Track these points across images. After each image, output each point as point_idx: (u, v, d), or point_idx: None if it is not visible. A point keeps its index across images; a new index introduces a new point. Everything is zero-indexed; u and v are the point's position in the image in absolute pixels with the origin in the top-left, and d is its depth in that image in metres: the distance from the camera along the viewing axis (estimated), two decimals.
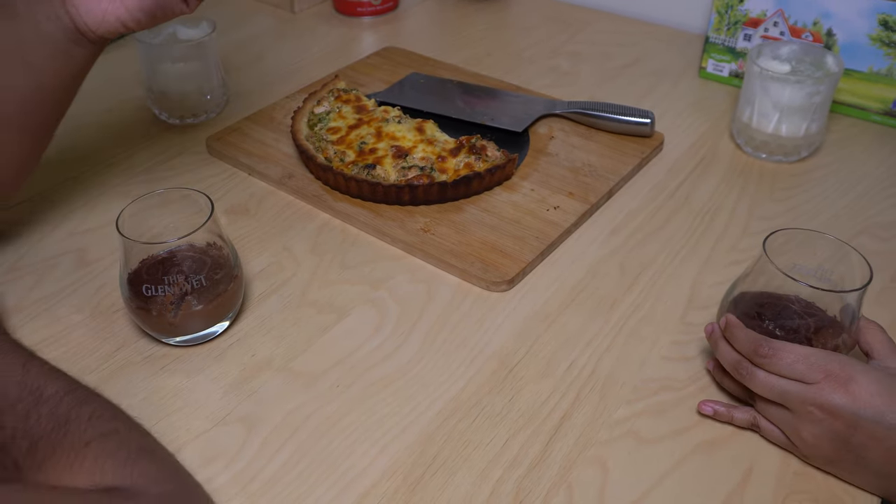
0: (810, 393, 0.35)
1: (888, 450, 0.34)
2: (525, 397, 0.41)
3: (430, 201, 0.53)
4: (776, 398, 0.37)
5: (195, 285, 0.41)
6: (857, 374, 0.35)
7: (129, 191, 0.56)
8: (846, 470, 0.36)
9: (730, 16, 0.66)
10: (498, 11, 0.84)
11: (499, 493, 0.36)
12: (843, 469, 0.36)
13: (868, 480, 0.36)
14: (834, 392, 0.35)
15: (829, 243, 0.40)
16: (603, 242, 0.52)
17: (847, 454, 0.35)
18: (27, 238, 0.52)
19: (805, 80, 0.55)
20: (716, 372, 0.41)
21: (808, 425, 0.36)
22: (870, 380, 0.34)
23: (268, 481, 0.37)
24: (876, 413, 0.34)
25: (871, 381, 0.34)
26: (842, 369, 0.35)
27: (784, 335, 0.38)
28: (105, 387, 0.42)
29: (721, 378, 0.41)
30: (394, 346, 0.44)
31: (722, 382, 0.41)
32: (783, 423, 0.37)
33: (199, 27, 0.64)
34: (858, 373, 0.35)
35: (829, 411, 0.35)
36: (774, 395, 0.37)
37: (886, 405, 0.34)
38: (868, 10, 0.59)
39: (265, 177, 0.57)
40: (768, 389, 0.37)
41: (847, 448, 0.35)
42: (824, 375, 0.35)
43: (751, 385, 0.38)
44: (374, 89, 0.67)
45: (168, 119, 0.64)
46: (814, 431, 0.36)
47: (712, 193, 0.56)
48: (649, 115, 0.59)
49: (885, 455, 0.34)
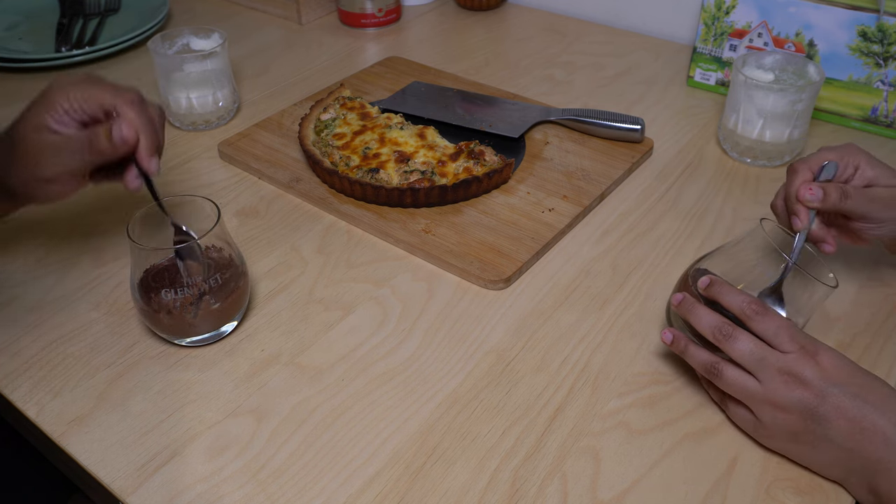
0: (786, 361, 0.36)
1: (850, 420, 0.35)
2: (521, 391, 0.42)
3: (431, 204, 0.54)
4: (752, 364, 0.36)
5: (212, 285, 0.42)
6: (825, 351, 0.36)
7: (144, 194, 0.57)
8: (808, 444, 0.36)
9: (716, 27, 0.67)
10: (496, 23, 0.85)
11: (496, 481, 0.37)
12: (805, 443, 0.36)
13: (829, 457, 0.36)
14: (806, 363, 0.36)
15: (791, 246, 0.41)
16: (595, 243, 0.53)
17: (812, 425, 0.36)
18: (47, 240, 0.54)
19: (788, 88, 0.55)
20: (676, 344, 0.39)
21: (777, 397, 0.36)
22: (834, 355, 0.36)
23: (276, 470, 0.38)
24: (840, 385, 0.35)
25: (835, 356, 0.36)
26: (813, 344, 0.37)
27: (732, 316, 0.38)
28: (122, 380, 0.43)
29: (684, 348, 0.39)
30: (396, 342, 0.45)
31: (685, 353, 0.39)
32: (751, 397, 0.37)
33: (211, 38, 0.65)
34: (825, 350, 0.37)
35: (800, 380, 0.36)
36: (753, 359, 0.36)
37: (849, 378, 0.36)
38: (848, 22, 0.61)
39: (274, 180, 0.59)
40: (748, 353, 0.36)
41: (813, 419, 0.36)
42: (799, 347, 0.36)
43: (730, 347, 0.37)
44: (378, 97, 0.68)
45: (181, 126, 0.66)
46: (783, 402, 0.36)
47: (699, 196, 0.57)
48: (640, 121, 0.60)
49: (847, 426, 0.35)
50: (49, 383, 0.43)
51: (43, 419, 0.41)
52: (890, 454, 0.34)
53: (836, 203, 0.41)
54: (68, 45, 0.78)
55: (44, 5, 0.86)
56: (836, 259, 0.51)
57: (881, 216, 0.41)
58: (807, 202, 0.41)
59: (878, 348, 0.45)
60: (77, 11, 0.84)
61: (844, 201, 0.41)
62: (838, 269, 0.50)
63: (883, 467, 0.34)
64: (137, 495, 0.37)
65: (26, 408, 0.42)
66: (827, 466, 0.37)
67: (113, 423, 0.41)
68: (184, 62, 0.62)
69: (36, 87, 0.44)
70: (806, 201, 0.41)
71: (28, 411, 0.42)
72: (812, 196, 0.41)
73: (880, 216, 0.41)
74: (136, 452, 0.39)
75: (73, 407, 0.42)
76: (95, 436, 0.40)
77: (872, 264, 0.50)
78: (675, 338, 0.40)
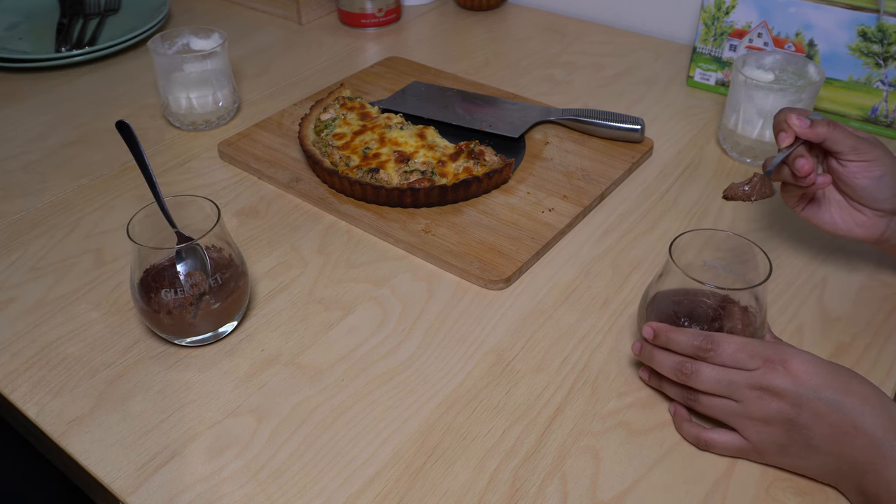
0: (754, 378, 0.36)
1: (831, 426, 0.34)
2: (521, 391, 0.42)
3: (431, 204, 0.54)
4: (722, 390, 0.36)
5: (212, 284, 0.42)
6: (793, 357, 0.36)
7: (144, 194, 0.57)
8: (797, 455, 0.36)
9: (716, 27, 0.67)
10: (496, 23, 0.85)
11: (496, 481, 0.37)
12: (794, 455, 0.36)
13: (819, 463, 0.36)
14: (776, 374, 0.35)
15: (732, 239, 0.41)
16: (595, 243, 0.53)
17: (796, 435, 0.35)
18: (47, 239, 0.54)
19: (787, 88, 0.56)
20: (652, 381, 0.41)
21: (756, 411, 0.36)
22: (804, 359, 0.36)
23: (276, 470, 0.38)
24: (815, 389, 0.34)
25: (805, 360, 0.35)
26: (777, 353, 0.36)
27: (699, 328, 0.39)
28: (122, 380, 0.43)
29: (659, 384, 0.41)
30: (396, 342, 0.45)
31: (661, 388, 0.40)
32: (732, 416, 0.37)
33: (211, 38, 0.65)
34: (793, 355, 0.36)
35: (774, 392, 0.35)
36: (721, 386, 0.36)
37: (823, 381, 0.35)
38: (848, 22, 0.61)
39: (274, 180, 0.59)
40: (715, 382, 0.37)
41: (795, 429, 0.35)
42: (763, 360, 0.36)
43: (696, 382, 0.37)
44: (378, 97, 0.68)
45: (181, 126, 0.66)
46: (763, 416, 0.36)
47: (699, 196, 0.57)
48: (639, 121, 0.60)
49: (829, 432, 0.34)
50: (49, 383, 0.43)
51: (43, 419, 0.41)
52: (875, 455, 0.34)
53: (824, 132, 0.42)
54: (68, 45, 0.78)
55: (44, 5, 0.86)
56: (836, 259, 0.51)
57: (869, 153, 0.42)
58: (795, 125, 0.42)
59: (878, 348, 0.45)
60: (77, 11, 0.84)
61: (833, 130, 0.42)
62: (838, 268, 0.50)
63: (870, 468, 0.34)
64: (137, 495, 0.37)
65: (26, 408, 0.42)
66: (819, 473, 0.37)
67: (113, 423, 0.41)
68: (184, 62, 0.62)
69: (36, 87, 0.44)
70: (794, 125, 0.42)
71: (28, 411, 0.42)
72: (801, 122, 0.42)
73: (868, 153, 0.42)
74: (136, 452, 0.39)
75: (73, 407, 0.42)
76: (95, 436, 0.40)
77: (873, 264, 0.50)
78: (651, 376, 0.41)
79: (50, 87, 0.73)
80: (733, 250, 0.41)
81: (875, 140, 0.43)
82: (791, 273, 0.50)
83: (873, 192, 0.43)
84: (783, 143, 0.43)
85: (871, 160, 0.42)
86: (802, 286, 0.49)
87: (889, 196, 0.43)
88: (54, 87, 0.73)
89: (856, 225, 0.44)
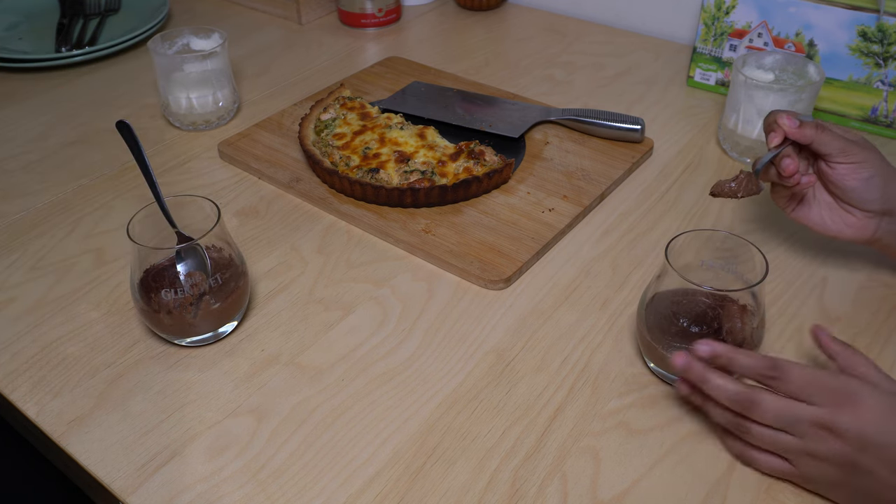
0: (821, 416, 0.33)
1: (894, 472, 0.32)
2: (521, 391, 0.42)
3: (431, 204, 0.55)
4: (785, 424, 0.34)
5: (212, 284, 0.42)
6: (863, 396, 0.33)
7: (144, 194, 0.58)
8: (848, 492, 0.34)
9: (716, 27, 0.67)
10: (496, 23, 0.85)
11: (496, 481, 0.37)
12: (844, 492, 0.35)
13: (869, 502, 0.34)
14: (842, 413, 0.33)
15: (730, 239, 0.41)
16: (596, 243, 0.53)
17: (854, 476, 0.33)
18: (48, 239, 0.54)
19: (788, 88, 0.56)
20: (694, 398, 0.38)
21: (816, 450, 0.34)
22: (875, 401, 0.33)
23: (276, 470, 0.38)
24: (883, 434, 0.32)
25: (876, 402, 0.33)
26: (847, 389, 0.34)
27: (699, 330, 0.39)
28: (122, 380, 0.43)
29: (703, 403, 0.37)
30: (396, 342, 0.45)
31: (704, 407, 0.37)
32: (789, 451, 0.35)
33: (211, 38, 0.65)
34: (864, 394, 0.33)
35: (837, 433, 0.33)
36: (784, 421, 0.34)
37: (890, 422, 0.33)
38: (848, 22, 0.61)
39: (274, 180, 0.59)
40: (777, 416, 0.34)
41: (854, 471, 0.33)
42: (830, 396, 0.34)
43: (757, 414, 0.35)
44: (378, 97, 0.68)
45: (181, 126, 0.66)
46: (823, 454, 0.34)
47: (699, 196, 0.57)
48: (639, 121, 0.61)
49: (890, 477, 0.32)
50: (49, 383, 0.43)
51: (43, 419, 0.41)
52: None
53: (812, 134, 0.42)
54: (68, 45, 0.78)
55: (44, 5, 0.86)
56: (835, 259, 0.51)
57: (857, 155, 0.42)
58: (784, 125, 0.42)
59: (878, 348, 0.45)
60: (77, 11, 0.84)
61: (821, 133, 0.42)
62: (838, 268, 0.50)
63: None
64: (137, 495, 0.37)
65: (26, 408, 0.42)
66: None
67: (113, 423, 0.41)
68: (184, 62, 0.62)
69: (36, 87, 0.44)
70: (784, 124, 0.42)
71: (28, 411, 0.42)
72: (790, 122, 0.42)
73: (857, 154, 0.42)
74: (136, 452, 0.39)
75: (73, 407, 0.42)
76: (95, 436, 0.40)
77: (872, 264, 0.50)
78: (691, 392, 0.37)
79: (50, 87, 0.73)
80: (731, 250, 0.42)
81: (864, 142, 0.43)
82: (791, 273, 0.50)
83: (862, 194, 0.43)
84: (772, 143, 0.43)
85: (859, 162, 0.42)
86: (802, 286, 0.49)
87: (878, 197, 0.43)
88: (54, 87, 0.73)
89: (846, 226, 0.44)
